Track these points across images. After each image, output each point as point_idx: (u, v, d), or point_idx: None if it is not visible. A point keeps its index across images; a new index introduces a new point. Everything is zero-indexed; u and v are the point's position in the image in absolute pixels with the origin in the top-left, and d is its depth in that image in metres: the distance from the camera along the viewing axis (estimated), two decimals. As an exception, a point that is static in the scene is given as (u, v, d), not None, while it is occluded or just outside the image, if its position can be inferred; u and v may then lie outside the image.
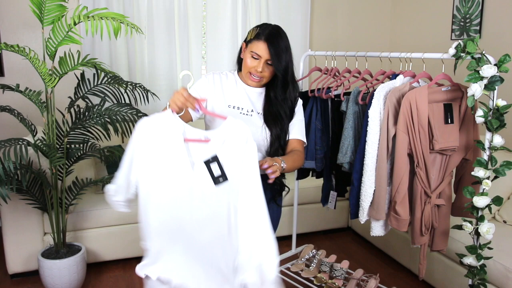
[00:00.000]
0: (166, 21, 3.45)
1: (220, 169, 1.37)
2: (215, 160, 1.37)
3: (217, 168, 1.37)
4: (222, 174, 1.38)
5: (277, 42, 1.61)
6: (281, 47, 1.62)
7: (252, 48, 1.64)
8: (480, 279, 1.83)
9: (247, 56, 1.66)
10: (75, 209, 2.80)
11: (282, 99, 1.70)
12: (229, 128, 1.41)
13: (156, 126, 1.40)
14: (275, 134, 1.71)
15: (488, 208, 1.75)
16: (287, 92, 1.70)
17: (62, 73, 2.43)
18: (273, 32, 1.63)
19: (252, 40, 1.64)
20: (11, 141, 2.31)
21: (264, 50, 1.61)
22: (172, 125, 1.40)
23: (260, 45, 1.62)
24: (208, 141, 1.40)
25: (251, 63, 1.65)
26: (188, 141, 1.40)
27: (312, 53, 2.59)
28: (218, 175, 1.37)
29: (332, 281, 2.40)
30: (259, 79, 1.67)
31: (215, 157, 1.37)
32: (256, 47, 1.63)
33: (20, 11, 3.16)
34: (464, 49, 1.74)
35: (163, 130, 1.40)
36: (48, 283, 2.51)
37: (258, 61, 1.63)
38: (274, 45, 1.61)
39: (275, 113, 1.70)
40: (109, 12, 2.29)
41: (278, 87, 1.68)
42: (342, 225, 3.53)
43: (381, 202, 1.97)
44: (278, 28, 1.67)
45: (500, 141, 1.73)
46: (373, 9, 4.08)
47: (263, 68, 1.64)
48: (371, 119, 1.94)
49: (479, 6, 3.15)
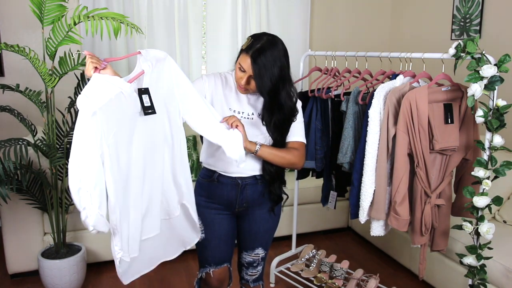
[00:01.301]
0: (166, 21, 3.45)
1: (150, 100, 1.42)
2: (147, 92, 1.42)
3: (147, 99, 1.42)
4: (151, 107, 1.42)
5: (262, 60, 1.54)
6: (266, 66, 1.54)
7: (240, 60, 1.61)
8: (480, 279, 1.84)
9: (237, 65, 1.64)
10: (75, 209, 2.78)
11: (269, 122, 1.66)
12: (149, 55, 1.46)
13: (98, 91, 1.30)
14: (274, 140, 1.71)
15: (488, 208, 1.75)
16: (274, 114, 1.63)
17: (62, 73, 2.43)
18: (262, 48, 1.55)
19: (243, 51, 1.61)
20: (11, 141, 2.31)
21: (248, 66, 1.57)
22: (109, 81, 1.33)
23: (244, 59, 1.58)
24: (143, 72, 1.43)
25: (238, 74, 1.63)
26: (132, 82, 1.39)
27: (312, 53, 2.59)
28: (148, 106, 1.41)
29: (332, 281, 2.40)
30: (245, 90, 1.67)
31: (146, 89, 1.42)
32: (243, 60, 1.59)
33: (20, 11, 3.16)
34: (464, 49, 1.74)
35: (106, 89, 1.31)
36: (48, 283, 2.51)
37: (244, 73, 1.61)
38: (258, 64, 1.54)
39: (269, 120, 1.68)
40: (109, 12, 2.29)
41: (265, 109, 1.65)
42: (342, 225, 3.53)
43: (381, 202, 1.97)
44: (271, 42, 1.58)
45: (500, 141, 1.73)
46: (373, 9, 4.08)
47: (249, 81, 1.62)
48: (371, 119, 1.94)
49: (479, 6, 3.15)
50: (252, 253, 1.88)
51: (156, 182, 1.52)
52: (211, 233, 1.78)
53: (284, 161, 1.71)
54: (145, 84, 1.43)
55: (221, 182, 1.74)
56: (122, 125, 1.36)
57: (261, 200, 1.80)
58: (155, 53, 1.49)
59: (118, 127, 1.34)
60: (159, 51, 1.51)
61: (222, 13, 3.61)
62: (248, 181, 1.75)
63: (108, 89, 1.32)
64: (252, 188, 1.76)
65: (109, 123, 1.30)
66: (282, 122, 1.67)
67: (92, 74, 1.35)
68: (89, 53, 1.38)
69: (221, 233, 1.80)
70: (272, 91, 1.58)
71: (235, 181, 1.73)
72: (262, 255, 1.90)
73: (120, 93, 1.34)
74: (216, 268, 1.82)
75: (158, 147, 1.50)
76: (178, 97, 1.54)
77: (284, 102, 1.63)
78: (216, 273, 1.82)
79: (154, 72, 1.47)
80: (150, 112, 1.42)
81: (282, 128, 1.69)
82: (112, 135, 1.32)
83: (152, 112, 1.42)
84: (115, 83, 1.34)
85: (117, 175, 1.35)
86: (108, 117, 1.30)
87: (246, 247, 1.89)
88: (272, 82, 1.56)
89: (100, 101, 1.28)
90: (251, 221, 1.83)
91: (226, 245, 1.83)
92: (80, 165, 1.26)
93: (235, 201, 1.77)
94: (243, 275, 1.95)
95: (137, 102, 1.40)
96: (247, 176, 1.74)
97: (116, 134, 1.33)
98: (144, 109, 1.40)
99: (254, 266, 1.91)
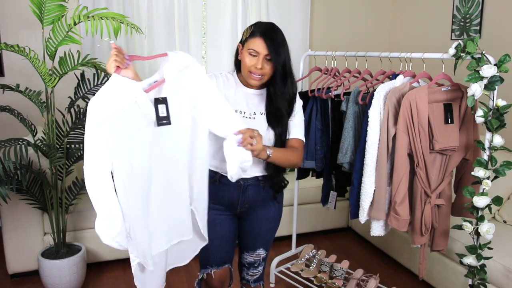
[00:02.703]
0: (166, 21, 3.45)
1: (166, 111, 1.37)
2: (164, 102, 1.36)
3: (164, 110, 1.37)
4: (167, 117, 1.37)
5: (273, 36, 1.62)
6: (278, 40, 1.61)
7: (249, 46, 1.63)
8: (480, 279, 1.84)
9: (245, 55, 1.64)
10: (75, 209, 2.80)
11: (282, 94, 1.68)
12: (175, 61, 1.40)
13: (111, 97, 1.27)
14: (278, 132, 1.71)
15: (488, 208, 1.75)
16: (286, 86, 1.68)
17: (62, 73, 2.43)
18: (268, 28, 1.64)
19: (248, 38, 1.64)
20: (11, 141, 2.31)
21: (261, 45, 1.60)
22: (126, 86, 1.29)
23: (257, 42, 1.61)
24: (163, 81, 1.38)
25: (250, 62, 1.63)
26: (149, 91, 1.35)
27: (312, 53, 2.59)
28: (163, 117, 1.37)
29: (332, 281, 2.40)
30: (260, 76, 1.65)
31: (164, 99, 1.36)
32: (253, 44, 1.62)
33: (20, 11, 3.16)
34: (464, 49, 1.74)
35: (120, 96, 1.28)
36: (48, 283, 2.51)
37: (256, 58, 1.62)
38: (271, 39, 1.60)
39: (276, 111, 1.70)
40: (109, 12, 2.29)
41: (278, 82, 1.66)
42: (342, 225, 3.53)
43: (381, 202, 1.97)
44: (272, 24, 1.68)
45: (500, 141, 1.73)
46: (373, 9, 4.08)
47: (263, 64, 1.62)
48: (371, 119, 1.94)
49: (479, 6, 3.15)
50: (253, 254, 1.88)
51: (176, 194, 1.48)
52: (213, 233, 1.78)
53: (289, 163, 1.74)
54: (164, 92, 1.38)
55: (223, 183, 1.74)
56: (135, 135, 1.32)
57: (262, 201, 1.80)
58: (181, 59, 1.44)
59: (130, 137, 1.31)
60: (186, 56, 1.45)
61: (222, 13, 3.61)
62: (250, 182, 1.74)
63: (122, 97, 1.28)
64: (254, 189, 1.76)
65: (117, 133, 1.28)
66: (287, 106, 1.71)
67: (112, 73, 1.32)
68: (116, 47, 1.35)
69: (223, 234, 1.80)
70: (285, 63, 1.63)
71: (237, 182, 1.72)
72: (263, 255, 1.90)
73: (135, 103, 1.30)
74: (218, 268, 1.82)
75: (178, 157, 1.45)
76: (202, 107, 1.48)
77: (290, 74, 1.68)
78: (217, 274, 1.82)
79: (177, 81, 1.41)
80: (165, 123, 1.37)
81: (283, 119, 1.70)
82: (124, 144, 1.29)
83: (167, 123, 1.37)
84: (131, 91, 1.30)
85: (130, 184, 1.32)
86: (117, 127, 1.27)
87: (247, 247, 1.89)
88: (284, 55, 1.62)
89: (110, 110, 1.25)
90: (253, 221, 1.83)
91: (227, 245, 1.83)
92: (90, 173, 1.27)
93: (237, 202, 1.77)
94: (244, 275, 1.95)
95: (152, 112, 1.35)
96: (249, 177, 1.73)
97: (128, 144, 1.31)
98: (158, 120, 1.36)
99: (255, 266, 1.91)
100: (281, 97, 1.68)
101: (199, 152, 1.52)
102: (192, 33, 3.56)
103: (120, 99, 1.27)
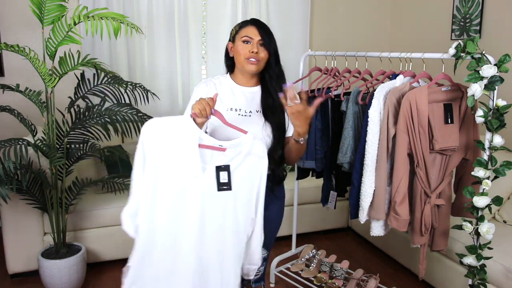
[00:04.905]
0: (166, 21, 3.45)
1: (228, 178, 1.43)
2: (227, 169, 1.43)
3: (225, 176, 1.43)
4: (228, 183, 1.44)
5: (263, 24, 1.73)
6: (267, 28, 1.72)
7: (242, 35, 1.70)
8: (480, 279, 1.83)
9: (239, 45, 1.70)
10: (75, 209, 2.80)
11: (277, 77, 1.73)
12: (247, 142, 1.49)
13: (170, 128, 1.43)
14: (276, 125, 1.71)
15: (488, 208, 1.75)
16: (280, 70, 1.75)
17: (62, 73, 2.43)
18: (255, 19, 1.76)
19: (239, 30, 1.72)
20: (11, 141, 2.31)
21: (254, 31, 1.69)
22: (188, 130, 1.44)
23: (249, 29, 1.70)
24: (223, 150, 1.46)
25: (245, 49, 1.69)
26: (202, 147, 1.45)
27: (312, 53, 2.59)
28: (224, 183, 1.43)
29: (332, 281, 2.40)
30: (257, 61, 1.69)
31: (227, 166, 1.44)
32: (246, 31, 1.70)
33: (20, 11, 3.16)
34: (464, 49, 1.74)
35: (177, 133, 1.43)
36: (48, 283, 2.51)
37: (251, 44, 1.69)
38: (262, 27, 1.72)
39: (271, 103, 1.72)
40: (109, 12, 2.29)
41: (272, 65, 1.73)
42: (342, 225, 3.53)
43: (381, 202, 1.97)
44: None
45: (500, 141, 1.73)
46: (373, 9, 4.08)
47: (258, 48, 1.69)
48: (371, 119, 1.94)
49: (479, 6, 3.15)
50: None
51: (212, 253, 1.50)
52: None
53: (299, 157, 1.79)
54: (221, 161, 1.45)
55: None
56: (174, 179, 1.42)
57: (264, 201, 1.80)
58: (257, 147, 1.51)
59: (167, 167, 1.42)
60: (263, 148, 1.53)
61: (222, 13, 3.61)
62: None
63: (178, 133, 1.42)
64: None
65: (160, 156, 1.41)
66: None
67: (190, 114, 1.45)
68: (215, 100, 1.48)
69: None
70: (276, 48, 1.73)
71: None
72: (265, 255, 1.90)
73: (186, 144, 1.42)
74: None
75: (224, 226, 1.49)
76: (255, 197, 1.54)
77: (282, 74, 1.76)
78: None
79: (241, 162, 1.48)
80: (226, 188, 1.44)
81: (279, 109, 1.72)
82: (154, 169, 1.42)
83: (227, 188, 1.44)
84: (189, 134, 1.43)
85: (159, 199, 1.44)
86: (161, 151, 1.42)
87: None
88: (274, 42, 1.72)
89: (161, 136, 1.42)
90: None
91: None
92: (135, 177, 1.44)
93: None
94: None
95: (195, 164, 1.42)
96: None
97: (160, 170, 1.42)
98: (218, 185, 1.44)
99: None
100: (277, 81, 1.73)
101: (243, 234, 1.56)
102: (192, 33, 3.57)
103: (175, 134, 1.42)
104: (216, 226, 1.46)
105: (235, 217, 1.49)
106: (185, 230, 1.44)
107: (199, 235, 1.45)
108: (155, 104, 3.39)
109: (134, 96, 2.75)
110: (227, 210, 1.47)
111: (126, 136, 2.56)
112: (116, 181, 2.80)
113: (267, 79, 1.74)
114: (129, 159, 3.07)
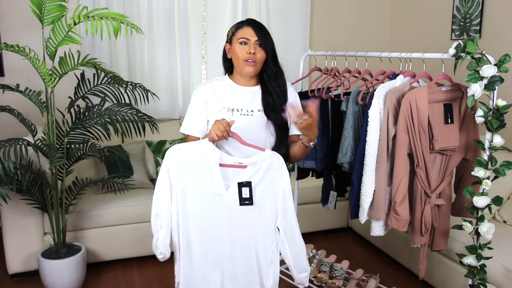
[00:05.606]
0: (166, 21, 3.45)
1: (249, 193, 1.53)
2: (248, 186, 1.52)
3: (247, 192, 1.52)
4: (249, 199, 1.51)
5: (259, 24, 1.74)
6: (263, 28, 1.73)
7: (239, 36, 1.70)
8: (480, 279, 1.84)
9: (236, 47, 1.71)
10: (75, 209, 2.80)
11: (276, 76, 1.74)
12: (265, 159, 1.56)
13: (191, 153, 1.54)
14: (278, 124, 1.73)
15: (488, 208, 1.75)
16: (279, 69, 1.76)
17: (62, 73, 2.43)
18: (251, 19, 1.76)
19: (235, 32, 1.73)
20: (11, 141, 2.31)
21: (251, 32, 1.70)
22: (208, 152, 1.54)
23: (246, 30, 1.70)
24: (244, 167, 1.54)
25: (242, 50, 1.69)
26: (224, 166, 1.54)
27: (312, 53, 2.59)
28: (246, 198, 1.51)
29: (332, 281, 2.40)
30: (254, 62, 1.70)
31: (249, 183, 1.53)
32: (242, 33, 1.70)
33: (20, 11, 3.16)
34: (464, 49, 1.74)
35: (199, 156, 1.54)
36: (48, 283, 2.51)
37: (248, 45, 1.69)
38: (259, 27, 1.72)
39: (272, 102, 1.73)
40: (109, 12, 2.29)
41: (270, 64, 1.74)
42: (342, 225, 3.53)
43: (381, 202, 1.97)
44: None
45: (500, 141, 1.73)
46: (373, 9, 4.08)
47: (255, 49, 1.69)
48: (371, 119, 1.94)
49: (479, 6, 3.15)
50: None
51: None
52: None
53: (303, 157, 1.82)
54: (243, 177, 1.54)
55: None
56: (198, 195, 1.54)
57: None
58: (275, 161, 1.57)
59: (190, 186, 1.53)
60: (281, 161, 1.59)
61: (222, 13, 3.61)
62: None
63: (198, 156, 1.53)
64: None
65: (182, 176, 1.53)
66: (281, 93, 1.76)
67: (207, 137, 1.55)
68: (231, 125, 1.55)
69: None
70: (273, 47, 1.74)
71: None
72: None
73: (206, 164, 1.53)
74: None
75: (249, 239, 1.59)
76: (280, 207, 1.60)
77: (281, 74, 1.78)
78: None
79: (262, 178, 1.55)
80: (247, 203, 1.53)
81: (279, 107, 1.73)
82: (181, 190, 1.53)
83: (249, 203, 1.53)
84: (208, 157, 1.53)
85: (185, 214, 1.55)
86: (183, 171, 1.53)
87: None
88: (271, 41, 1.73)
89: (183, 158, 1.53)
90: None
91: None
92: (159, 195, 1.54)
93: None
94: None
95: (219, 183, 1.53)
96: None
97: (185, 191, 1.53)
98: (240, 200, 1.53)
99: None
100: (276, 81, 1.74)
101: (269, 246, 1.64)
102: (192, 33, 3.57)
103: (197, 157, 1.54)
104: (242, 239, 1.57)
105: (261, 229, 1.58)
106: (215, 244, 1.56)
107: (230, 247, 1.56)
108: (155, 104, 3.39)
109: (134, 96, 2.75)
110: (252, 223, 1.57)
111: (126, 136, 2.55)
112: (116, 181, 2.80)
113: (265, 78, 1.75)
114: (129, 159, 3.07)
